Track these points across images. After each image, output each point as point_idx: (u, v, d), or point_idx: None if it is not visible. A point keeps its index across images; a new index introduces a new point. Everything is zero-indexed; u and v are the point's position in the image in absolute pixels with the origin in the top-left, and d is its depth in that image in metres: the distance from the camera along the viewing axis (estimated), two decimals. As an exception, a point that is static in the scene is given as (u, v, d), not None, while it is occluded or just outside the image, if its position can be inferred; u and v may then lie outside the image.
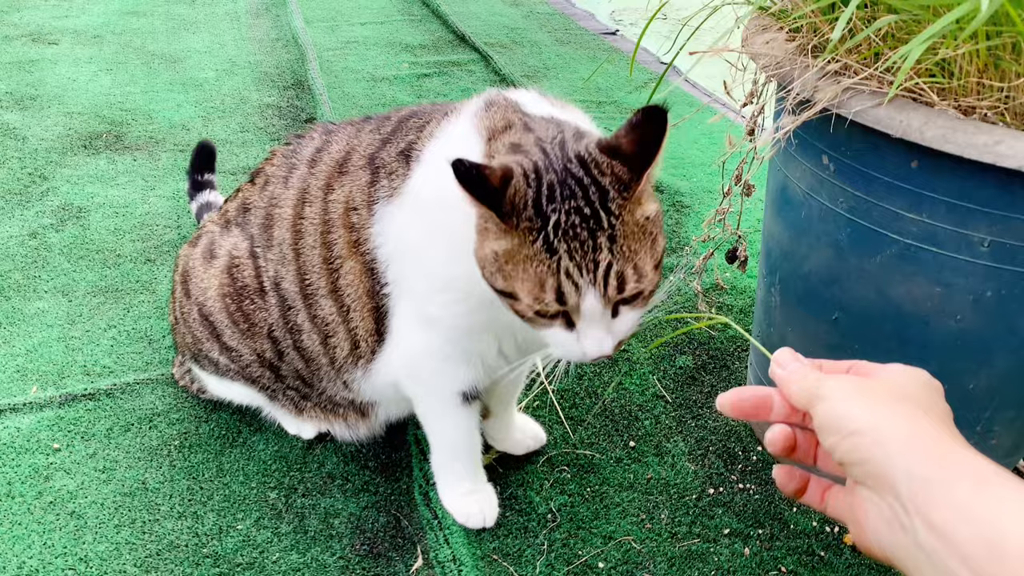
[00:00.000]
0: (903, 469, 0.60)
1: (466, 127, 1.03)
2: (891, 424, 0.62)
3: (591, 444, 1.46)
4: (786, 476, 0.78)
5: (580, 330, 0.92)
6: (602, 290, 0.88)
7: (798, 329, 1.30)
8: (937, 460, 0.60)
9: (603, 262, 0.87)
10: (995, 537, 0.54)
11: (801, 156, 1.17)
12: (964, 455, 0.60)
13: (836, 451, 0.65)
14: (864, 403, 0.65)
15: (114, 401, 1.51)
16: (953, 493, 0.57)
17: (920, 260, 1.07)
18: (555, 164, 0.89)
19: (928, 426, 0.62)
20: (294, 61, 3.15)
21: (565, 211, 0.87)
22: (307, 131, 1.29)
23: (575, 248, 0.86)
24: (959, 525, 0.56)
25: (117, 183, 2.24)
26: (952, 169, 0.98)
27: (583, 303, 0.89)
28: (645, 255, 0.89)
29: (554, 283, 0.88)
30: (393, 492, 1.36)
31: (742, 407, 0.77)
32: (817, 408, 0.68)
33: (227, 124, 2.61)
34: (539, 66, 3.22)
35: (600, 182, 0.88)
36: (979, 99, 0.98)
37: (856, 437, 0.63)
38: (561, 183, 0.88)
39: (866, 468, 0.63)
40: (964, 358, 1.12)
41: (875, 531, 0.64)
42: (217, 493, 1.34)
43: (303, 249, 1.19)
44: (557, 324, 0.92)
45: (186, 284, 1.33)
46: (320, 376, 1.29)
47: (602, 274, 0.87)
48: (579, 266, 0.87)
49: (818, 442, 0.74)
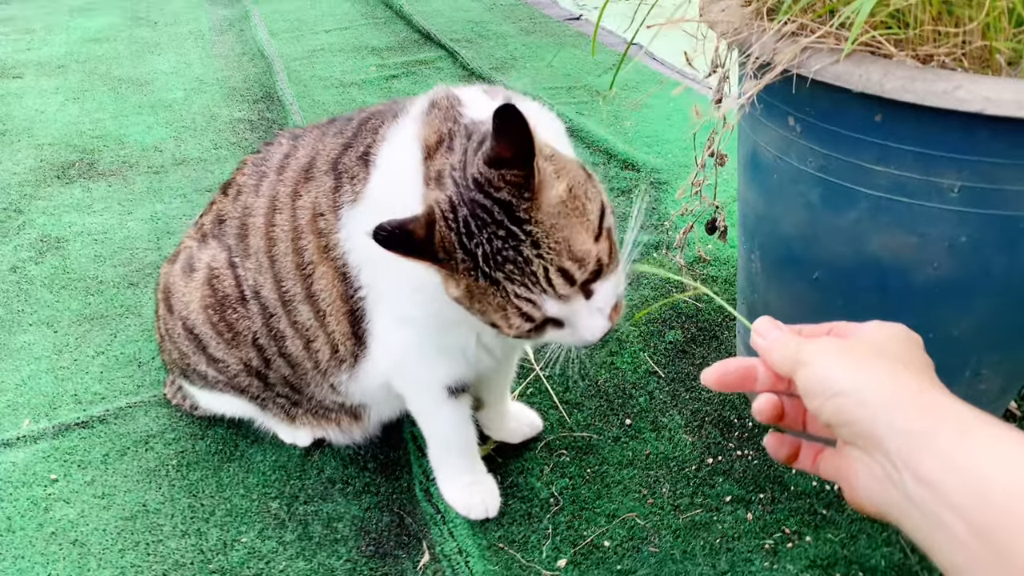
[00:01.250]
0: (888, 425, 0.60)
1: (409, 133, 1.03)
2: (873, 382, 0.63)
3: (588, 425, 1.47)
4: (777, 443, 0.78)
5: (568, 325, 0.93)
6: (554, 292, 0.89)
7: (781, 292, 1.31)
8: (920, 412, 0.60)
9: (539, 270, 0.88)
10: (979, 482, 0.55)
11: (768, 120, 1.18)
12: (945, 404, 0.61)
13: (822, 414, 0.66)
14: (845, 364, 0.66)
15: (108, 427, 1.51)
16: (937, 443, 0.58)
17: (893, 212, 1.07)
18: (464, 195, 0.89)
19: (909, 380, 0.63)
20: (261, 74, 3.14)
21: (486, 239, 0.88)
22: (275, 138, 1.29)
23: (511, 271, 0.88)
24: (945, 474, 0.56)
25: (93, 210, 2.23)
26: (915, 118, 0.98)
27: (548, 311, 0.91)
28: (578, 234, 0.89)
29: (514, 309, 0.90)
30: (394, 491, 1.37)
31: (727, 380, 0.77)
32: (799, 373, 0.68)
33: (200, 142, 2.61)
34: (507, 57, 3.21)
35: (499, 198, 0.87)
36: (936, 47, 0.98)
37: (840, 398, 0.64)
38: (472, 214, 0.88)
39: (853, 428, 0.63)
40: (945, 305, 1.13)
41: (866, 489, 0.64)
42: (219, 508, 1.34)
43: (277, 256, 1.19)
44: (549, 328, 0.94)
45: (168, 300, 1.33)
46: (307, 381, 1.29)
47: (544, 280, 0.88)
48: (523, 284, 0.88)
49: (806, 408, 0.75)
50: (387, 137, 1.07)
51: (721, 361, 0.77)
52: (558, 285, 0.88)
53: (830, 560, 1.22)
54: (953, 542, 0.56)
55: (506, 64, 3.14)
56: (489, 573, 1.21)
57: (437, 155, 0.96)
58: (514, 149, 0.85)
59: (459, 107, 1.01)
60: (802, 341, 0.71)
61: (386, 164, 1.06)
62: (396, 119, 1.08)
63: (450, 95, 1.04)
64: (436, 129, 0.99)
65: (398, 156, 1.03)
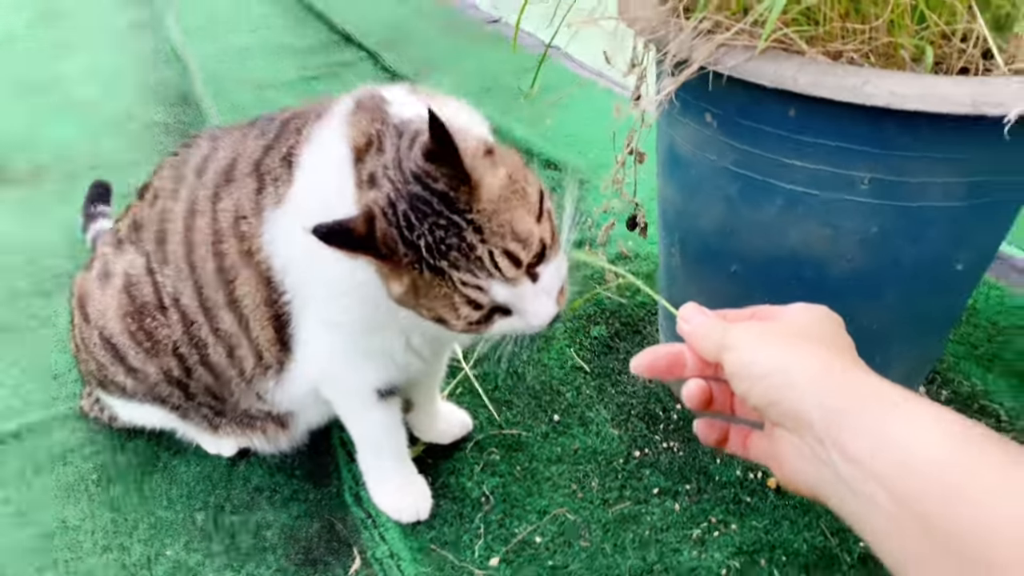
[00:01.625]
0: (815, 404, 0.62)
1: (335, 133, 1.01)
2: (799, 363, 0.64)
3: (517, 423, 1.47)
4: (707, 428, 0.79)
5: (516, 311, 0.93)
6: (501, 275, 0.88)
7: (701, 285, 1.33)
8: (845, 391, 0.62)
9: (484, 255, 0.87)
10: (902, 453, 0.57)
11: (685, 117, 1.20)
12: (869, 382, 0.62)
13: (750, 396, 0.67)
14: (770, 346, 0.67)
15: (22, 442, 1.45)
16: (863, 420, 0.59)
17: (808, 204, 1.10)
18: (401, 190, 0.89)
19: (833, 359, 0.64)
20: (176, 75, 3.07)
21: (427, 230, 0.87)
22: (194, 139, 1.26)
23: (455, 258, 0.87)
24: (871, 449, 0.58)
25: (1, 218, 2.15)
26: (827, 113, 1.01)
27: (496, 296, 0.90)
28: (520, 216, 0.89)
29: (461, 298, 0.89)
30: (323, 497, 1.35)
31: (656, 366, 0.78)
32: (726, 358, 0.69)
33: (114, 146, 2.53)
34: (428, 59, 3.20)
35: (436, 189, 0.87)
36: (844, 43, 1.01)
37: (767, 380, 0.65)
38: (412, 207, 0.88)
39: (780, 408, 0.65)
40: (857, 296, 1.17)
41: (796, 469, 0.66)
42: (142, 522, 1.31)
43: (196, 262, 1.16)
44: (498, 317, 0.94)
45: (84, 309, 1.29)
46: (232, 390, 1.27)
47: (490, 264, 0.88)
48: (469, 270, 0.88)
49: (733, 392, 0.77)
50: (310, 138, 1.05)
51: (650, 348, 0.78)
52: (504, 268, 0.88)
53: (755, 546, 1.25)
54: (877, 511, 0.58)
55: (428, 66, 3.12)
56: (421, 575, 1.20)
57: (367, 157, 0.95)
58: (443, 146, 0.85)
59: (386, 107, 1.00)
60: (727, 326, 0.72)
61: (311, 166, 1.04)
62: (319, 119, 1.06)
63: (375, 95, 1.03)
64: (364, 131, 0.97)
65: (324, 158, 1.01)
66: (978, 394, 1.49)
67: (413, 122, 0.95)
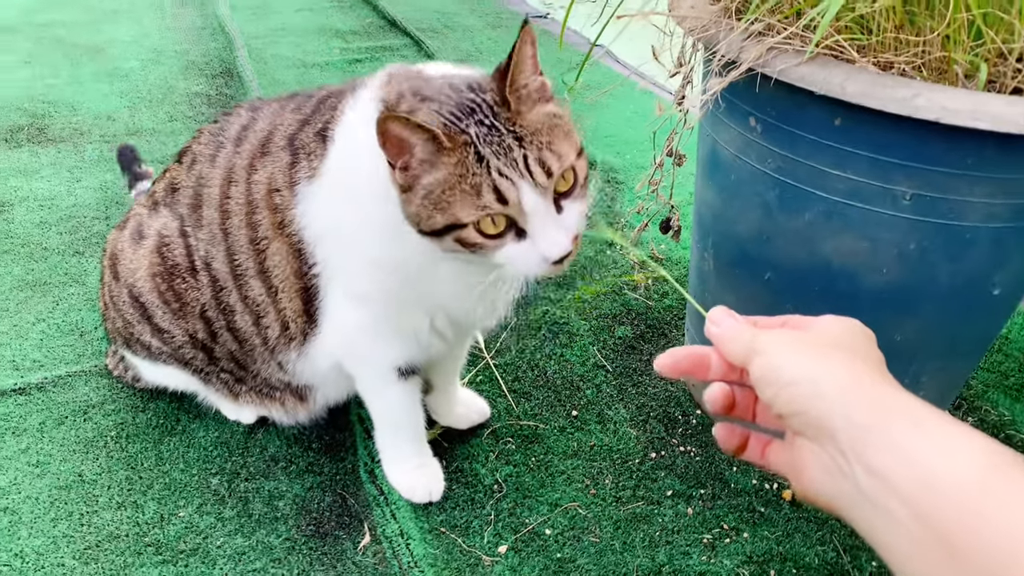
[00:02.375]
0: (842, 417, 0.61)
1: (368, 102, 1.03)
2: (828, 373, 0.63)
3: (535, 415, 1.47)
4: (726, 434, 0.78)
5: (532, 234, 0.92)
6: (531, 179, 0.90)
7: (732, 291, 1.32)
8: (874, 405, 0.60)
9: (519, 157, 0.89)
10: (931, 475, 0.55)
11: (729, 119, 1.19)
12: (899, 398, 0.61)
13: (775, 403, 0.66)
14: (800, 354, 0.66)
15: (46, 395, 1.47)
16: (890, 436, 0.58)
17: (847, 216, 1.09)
18: (446, 101, 0.93)
19: (864, 373, 0.63)
20: (221, 49, 3.09)
21: (475, 123, 0.91)
22: (234, 109, 1.27)
23: (496, 151, 0.90)
24: (896, 466, 0.57)
25: (41, 176, 2.17)
26: (873, 124, 1.00)
27: (523, 198, 0.90)
28: (560, 142, 0.92)
29: (490, 184, 0.89)
30: (338, 472, 1.35)
31: (680, 367, 0.77)
32: (754, 362, 0.68)
33: (154, 114, 2.56)
34: (472, 50, 3.21)
35: (485, 99, 0.92)
36: (896, 54, 1.00)
37: (794, 388, 0.64)
38: (459, 106, 0.92)
39: (805, 418, 0.63)
40: (891, 310, 1.15)
41: (816, 480, 0.64)
42: (157, 482, 1.32)
43: (230, 229, 1.17)
44: (509, 239, 0.93)
45: (115, 267, 1.30)
46: (254, 358, 1.28)
47: (523, 166, 0.89)
48: (505, 164, 0.89)
49: (756, 398, 0.75)
50: (344, 111, 1.07)
51: (675, 348, 0.77)
52: (536, 173, 0.89)
53: (766, 556, 1.24)
54: (900, 532, 0.56)
55: (471, 57, 3.13)
56: (429, 556, 1.21)
57: (400, 105, 0.96)
58: (506, 64, 0.91)
59: (420, 72, 1.03)
60: (757, 331, 0.71)
61: (344, 138, 1.06)
62: (353, 94, 1.07)
63: (407, 68, 1.05)
64: (396, 89, 0.99)
65: (357, 128, 1.02)
66: (1005, 423, 1.47)
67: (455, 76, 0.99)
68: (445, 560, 1.21)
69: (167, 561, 1.19)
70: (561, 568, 1.21)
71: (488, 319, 1.17)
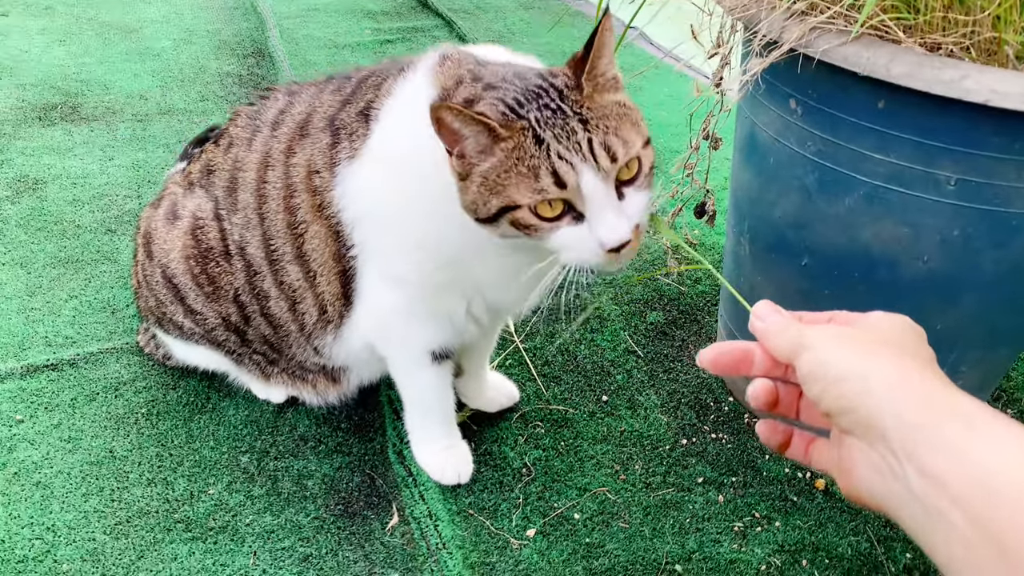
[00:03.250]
0: (892, 415, 0.59)
1: (421, 83, 1.01)
2: (878, 371, 0.61)
3: (564, 400, 1.46)
4: (769, 431, 0.76)
5: (590, 218, 0.89)
6: (594, 163, 0.87)
7: (768, 277, 1.30)
8: (926, 404, 0.58)
9: (583, 140, 0.87)
10: (985, 476, 0.53)
11: (768, 101, 1.17)
12: (952, 397, 0.59)
13: (822, 401, 0.64)
14: (849, 350, 0.64)
15: (78, 371, 1.48)
16: (943, 436, 0.56)
17: (888, 201, 1.07)
18: (514, 84, 0.92)
19: (915, 371, 0.61)
20: (253, 29, 3.09)
21: (538, 108, 0.89)
22: (272, 92, 1.26)
23: (558, 134, 0.88)
24: (950, 467, 0.55)
25: (74, 154, 2.19)
26: (918, 107, 0.97)
27: (582, 182, 0.87)
28: (627, 130, 0.90)
29: (549, 167, 0.87)
30: (367, 452, 1.35)
31: (722, 361, 0.75)
32: (801, 358, 0.66)
33: (186, 93, 2.56)
34: (503, 30, 3.19)
35: (555, 84, 0.91)
36: (944, 35, 0.98)
37: (843, 385, 0.62)
38: (524, 92, 0.91)
39: (854, 416, 0.62)
40: (931, 299, 1.13)
41: (865, 480, 0.62)
42: (187, 459, 1.32)
43: (267, 214, 1.17)
44: (565, 223, 0.90)
45: (148, 246, 1.30)
46: (289, 343, 1.27)
47: (587, 149, 0.87)
48: (567, 147, 0.87)
49: (800, 395, 0.74)
50: (392, 92, 1.05)
51: (718, 343, 0.76)
52: (600, 156, 0.87)
53: (798, 546, 1.22)
54: (953, 535, 0.54)
55: (503, 37, 3.11)
56: (458, 538, 1.20)
57: (458, 90, 0.95)
58: (583, 54, 0.91)
59: (475, 57, 1.01)
60: (803, 326, 0.69)
61: (391, 118, 1.04)
62: (402, 74, 1.06)
63: (460, 50, 1.03)
64: (453, 74, 0.98)
65: (406, 109, 1.01)
66: (1043, 415, 1.44)
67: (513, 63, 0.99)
68: (473, 542, 1.20)
69: (196, 538, 1.20)
70: (590, 553, 1.20)
71: (527, 304, 1.16)
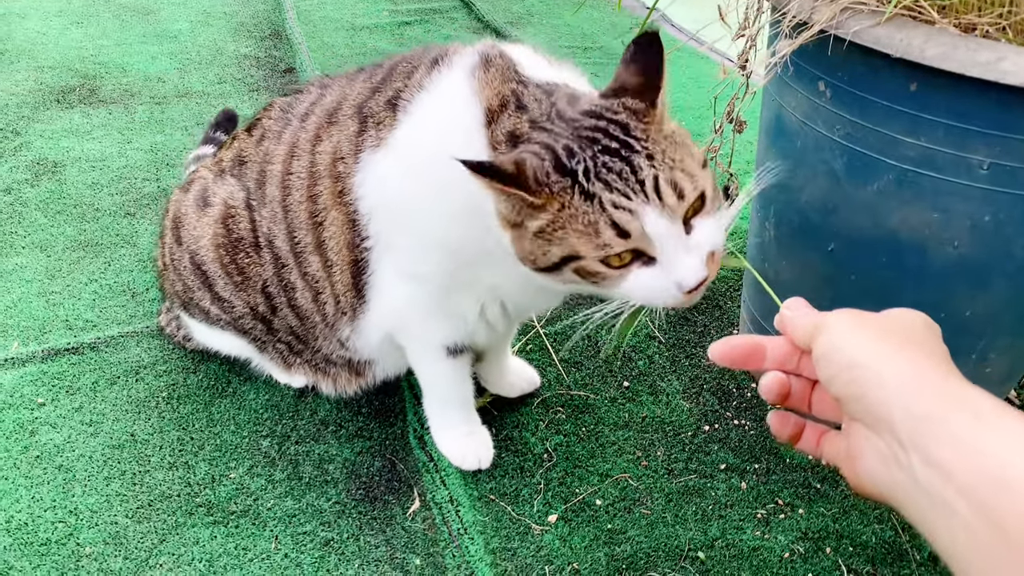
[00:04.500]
0: (901, 407, 0.58)
1: (462, 88, 0.98)
2: (891, 361, 0.61)
3: (585, 385, 1.45)
4: (780, 422, 0.76)
5: (662, 261, 0.85)
6: (659, 201, 0.83)
7: (793, 262, 1.29)
8: (935, 395, 0.58)
9: (648, 177, 0.83)
10: (994, 467, 0.53)
11: (796, 84, 1.15)
12: (962, 390, 0.58)
13: (833, 384, 0.64)
14: (864, 336, 0.64)
15: (98, 354, 1.48)
16: (951, 427, 0.56)
17: (918, 185, 1.05)
18: (561, 133, 0.87)
19: (927, 363, 0.61)
20: (270, 11, 3.08)
21: (590, 157, 0.84)
22: (305, 86, 1.25)
23: (612, 180, 0.83)
24: (958, 458, 0.54)
25: (93, 137, 2.18)
26: (952, 89, 0.95)
27: (647, 226, 0.83)
28: (689, 161, 0.86)
29: (607, 220, 0.83)
30: (388, 437, 1.35)
31: (733, 355, 0.75)
32: (817, 340, 0.66)
33: (204, 75, 2.55)
34: (522, 12, 3.16)
35: (616, 119, 0.86)
36: (980, 15, 0.95)
37: (855, 370, 0.62)
38: (576, 139, 0.86)
39: (863, 404, 0.61)
40: (961, 285, 1.11)
41: (871, 470, 0.62)
42: (208, 443, 1.32)
43: (291, 205, 1.16)
44: (636, 267, 0.86)
45: (177, 231, 1.30)
46: (315, 335, 1.27)
47: (652, 187, 0.82)
48: (624, 193, 0.83)
49: (812, 388, 0.74)
50: (424, 85, 1.02)
51: (728, 337, 0.75)
52: (666, 194, 0.82)
53: (821, 533, 1.21)
54: (958, 526, 0.54)
55: (522, 19, 3.08)
56: (479, 523, 1.20)
57: (502, 118, 0.92)
58: (643, 78, 0.87)
59: (517, 68, 0.98)
60: (825, 313, 0.69)
61: (426, 115, 1.02)
62: (437, 68, 1.03)
63: (503, 53, 1.00)
64: (497, 91, 0.94)
65: (446, 111, 0.99)
66: (1071, 403, 1.42)
67: (560, 85, 0.95)
68: (495, 527, 1.20)
69: (218, 522, 1.20)
70: (611, 539, 1.19)
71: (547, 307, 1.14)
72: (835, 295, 1.22)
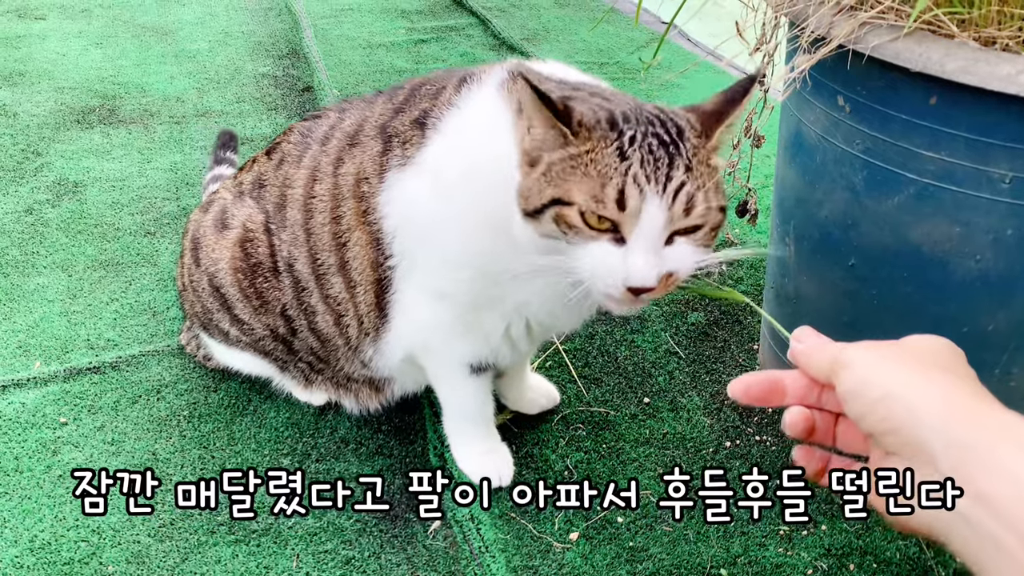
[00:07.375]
0: (938, 435, 0.57)
1: (495, 101, 0.99)
2: (923, 390, 0.60)
3: (605, 402, 1.45)
4: (806, 457, 0.75)
5: (630, 246, 0.86)
6: (669, 203, 0.84)
7: (813, 278, 1.28)
8: (974, 424, 0.57)
9: (676, 179, 0.85)
10: None
11: (815, 98, 1.15)
12: (1001, 417, 0.57)
13: (864, 420, 0.63)
14: (891, 367, 0.62)
15: (120, 374, 1.49)
16: (995, 457, 0.55)
17: (939, 200, 1.05)
18: (622, 103, 0.90)
19: (961, 390, 0.60)
20: (288, 30, 3.10)
21: (642, 132, 0.86)
22: (324, 111, 1.26)
23: (648, 160, 0.85)
24: (1004, 489, 0.54)
25: (113, 157, 2.21)
26: (972, 103, 0.95)
27: (644, 211, 0.84)
28: (715, 193, 0.88)
29: (619, 183, 0.84)
30: (408, 455, 1.35)
31: (752, 394, 0.74)
32: (841, 376, 0.65)
33: (222, 95, 2.58)
34: (539, 28, 3.17)
35: (677, 122, 0.89)
36: (1000, 29, 0.95)
37: (887, 403, 0.60)
38: (635, 113, 0.89)
39: (900, 437, 0.60)
40: (983, 299, 1.10)
41: None
42: (229, 461, 1.33)
43: (314, 228, 1.16)
44: (604, 238, 0.86)
45: (196, 252, 1.31)
46: (337, 356, 1.28)
47: (673, 188, 0.84)
48: (648, 176, 0.84)
49: (836, 421, 0.73)
50: (455, 103, 1.03)
51: (748, 373, 0.75)
52: (679, 202, 0.84)
53: (844, 550, 1.20)
54: (1001, 555, 0.53)
55: (538, 35, 3.09)
56: (500, 541, 1.19)
57: None
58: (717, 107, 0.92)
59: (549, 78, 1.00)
60: (843, 345, 0.68)
61: (454, 130, 1.02)
62: (466, 86, 1.04)
63: (527, 67, 1.01)
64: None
65: (480, 124, 0.99)
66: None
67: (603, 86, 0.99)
68: (516, 545, 1.19)
69: (240, 540, 1.20)
70: (633, 556, 1.19)
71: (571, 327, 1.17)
72: (856, 310, 1.22)
